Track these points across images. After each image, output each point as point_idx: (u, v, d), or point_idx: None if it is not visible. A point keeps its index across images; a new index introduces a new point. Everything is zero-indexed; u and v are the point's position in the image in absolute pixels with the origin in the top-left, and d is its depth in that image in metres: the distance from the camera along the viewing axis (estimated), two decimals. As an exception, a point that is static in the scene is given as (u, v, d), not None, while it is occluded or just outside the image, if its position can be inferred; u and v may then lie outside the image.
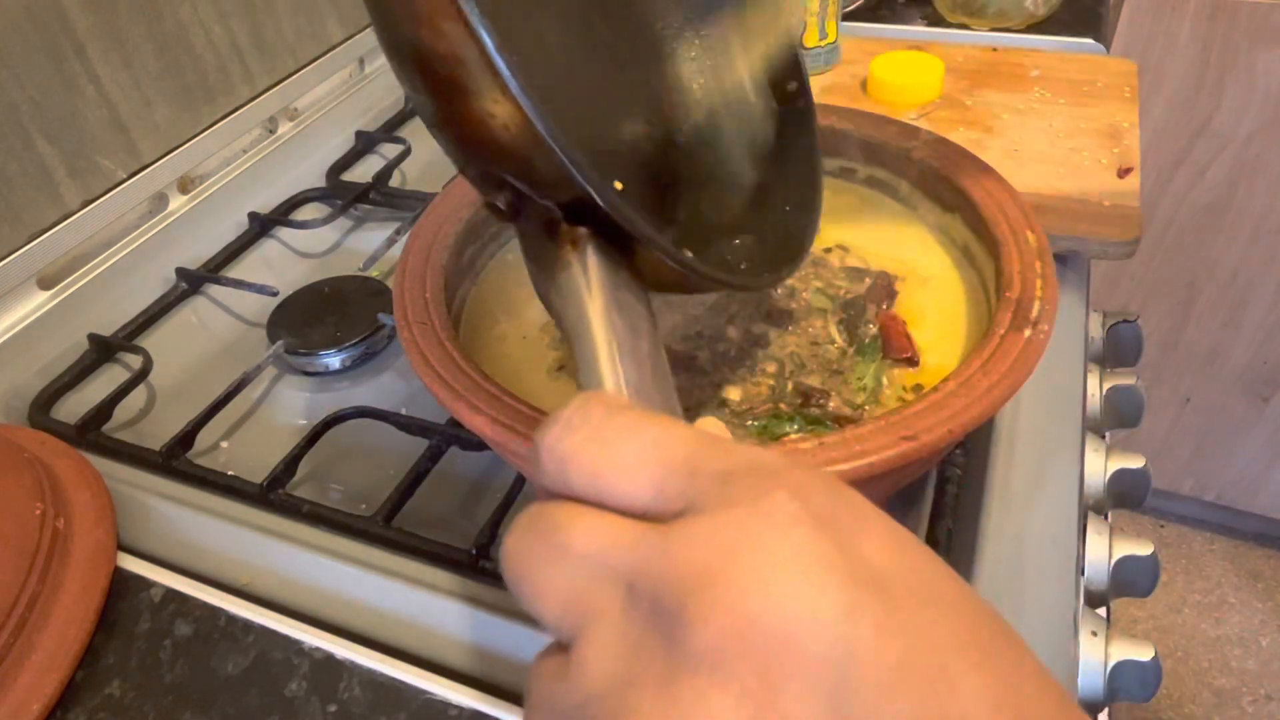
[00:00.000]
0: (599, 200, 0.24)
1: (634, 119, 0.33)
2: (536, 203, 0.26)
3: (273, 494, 0.45)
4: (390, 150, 0.74)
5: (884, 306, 0.45)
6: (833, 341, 0.43)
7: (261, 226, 0.67)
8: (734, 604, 0.14)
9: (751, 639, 0.14)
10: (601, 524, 0.17)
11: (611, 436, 0.18)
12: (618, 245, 0.27)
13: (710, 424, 0.22)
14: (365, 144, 0.76)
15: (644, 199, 0.30)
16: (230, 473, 0.47)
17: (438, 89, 0.25)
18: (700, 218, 0.34)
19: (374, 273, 0.61)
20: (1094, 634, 0.40)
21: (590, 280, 0.25)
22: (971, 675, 0.14)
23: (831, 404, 0.40)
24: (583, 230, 0.26)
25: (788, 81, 0.39)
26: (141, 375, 0.54)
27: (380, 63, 0.85)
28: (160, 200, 0.66)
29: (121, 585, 0.41)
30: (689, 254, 0.28)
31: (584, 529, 0.17)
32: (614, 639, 0.15)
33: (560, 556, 0.17)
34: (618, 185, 0.25)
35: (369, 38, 0.82)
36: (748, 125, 0.38)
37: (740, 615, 0.14)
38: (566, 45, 0.29)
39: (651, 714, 0.14)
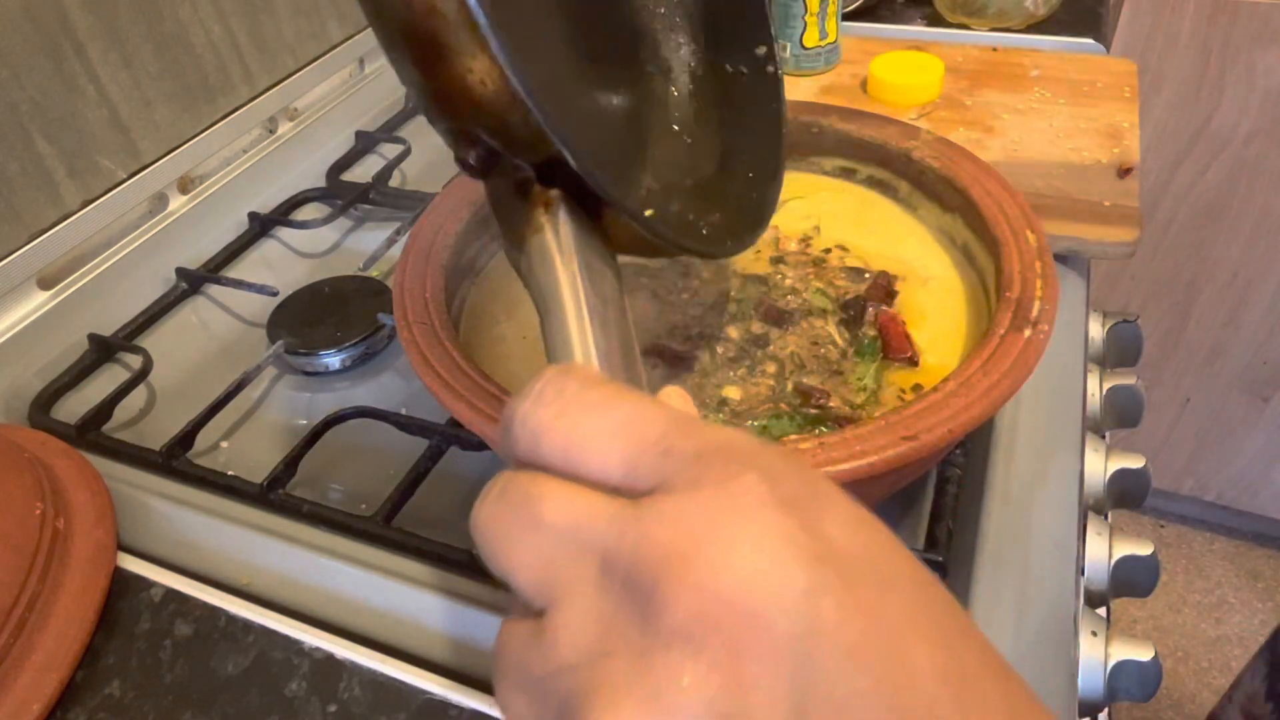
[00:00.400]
0: (570, 159, 0.24)
1: (604, 81, 0.33)
2: (508, 161, 0.26)
3: (273, 494, 0.45)
4: (390, 150, 0.74)
5: (884, 306, 0.45)
6: (833, 341, 0.43)
7: (261, 226, 0.67)
8: (705, 582, 0.15)
9: (721, 616, 0.14)
10: (575, 498, 0.17)
11: (585, 412, 0.18)
12: (586, 208, 0.26)
13: (673, 394, 0.22)
14: (365, 144, 0.76)
15: (611, 161, 0.30)
16: (230, 473, 0.47)
17: (415, 43, 0.24)
18: (665, 182, 0.34)
19: (374, 273, 0.61)
20: (1094, 634, 0.40)
21: (562, 244, 0.25)
22: (923, 650, 0.15)
23: (831, 404, 0.40)
24: (555, 192, 0.26)
25: (757, 45, 0.39)
26: (141, 375, 0.54)
27: (380, 63, 0.85)
28: (160, 200, 0.66)
29: (121, 585, 0.41)
30: (652, 216, 0.27)
31: (557, 502, 0.17)
32: (587, 611, 0.16)
33: (533, 527, 0.17)
34: (587, 146, 0.25)
35: (369, 38, 0.82)
36: (715, 90, 0.38)
37: (711, 593, 0.14)
38: (543, 5, 0.29)
39: (625, 684, 0.15)
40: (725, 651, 0.14)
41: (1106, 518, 0.49)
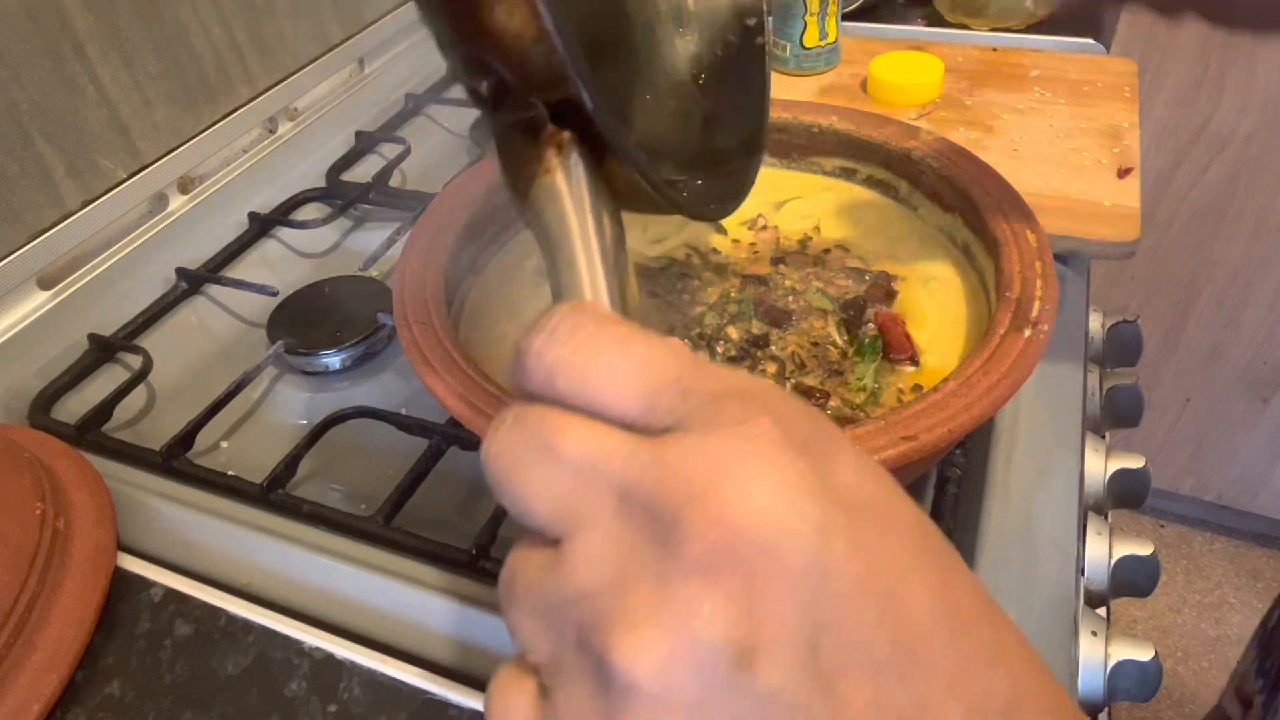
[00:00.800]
0: (587, 102, 0.24)
1: (611, 33, 0.32)
2: (520, 98, 0.25)
3: (273, 494, 0.45)
4: (390, 150, 0.74)
5: (884, 306, 0.45)
6: (833, 342, 0.43)
7: (261, 226, 0.67)
8: (725, 516, 0.15)
9: (740, 549, 0.15)
10: (594, 432, 0.17)
11: (603, 348, 0.18)
12: (590, 142, 0.26)
13: (675, 344, 0.22)
14: (365, 144, 0.76)
15: (618, 111, 0.30)
16: (230, 473, 0.47)
17: None
18: (655, 141, 0.34)
19: (374, 273, 0.61)
20: (1094, 634, 0.40)
21: (575, 186, 0.25)
22: (922, 589, 0.16)
23: (831, 404, 0.40)
24: (568, 134, 0.25)
25: (748, 16, 0.39)
26: (141, 375, 0.54)
27: (380, 63, 0.85)
28: (160, 200, 0.66)
29: (121, 585, 0.41)
30: (649, 165, 0.27)
31: (575, 435, 0.17)
32: (607, 542, 0.16)
33: (551, 459, 0.17)
34: (600, 92, 0.24)
35: (369, 38, 0.82)
36: (704, 57, 0.38)
37: (731, 526, 0.15)
38: None
39: (646, 611, 0.15)
40: (743, 583, 0.15)
41: (1106, 518, 0.49)
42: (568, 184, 0.25)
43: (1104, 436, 0.53)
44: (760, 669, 0.15)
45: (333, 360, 0.55)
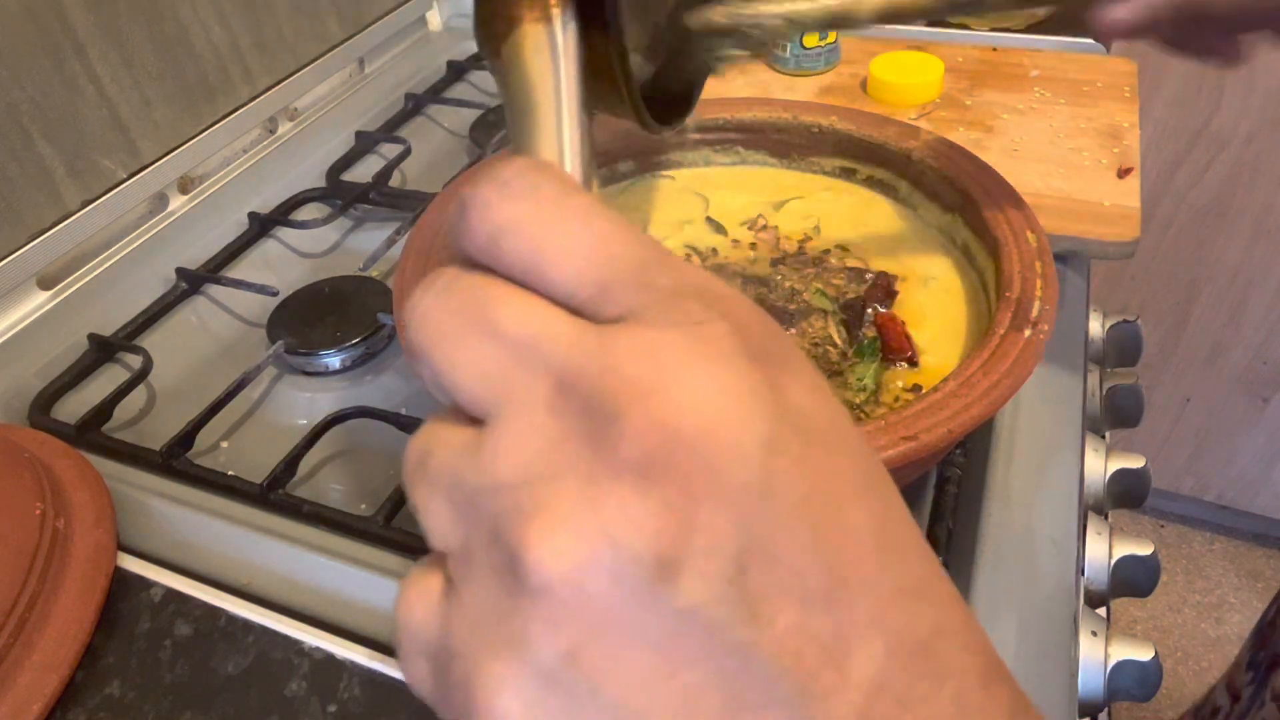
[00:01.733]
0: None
1: None
2: None
3: (273, 494, 0.45)
4: (390, 150, 0.74)
5: (884, 307, 0.45)
6: (833, 342, 0.43)
7: (261, 226, 0.67)
8: (669, 419, 0.14)
9: (680, 455, 0.14)
10: (537, 309, 0.16)
11: (561, 216, 0.16)
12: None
13: (643, 233, 0.21)
14: (365, 144, 0.76)
15: None
16: (230, 473, 0.47)
17: None
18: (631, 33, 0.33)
19: (374, 273, 0.61)
20: (1094, 634, 0.40)
21: (567, 42, 0.22)
22: (860, 515, 0.16)
23: (831, 404, 0.40)
24: None
25: None
26: (141, 375, 0.54)
27: (380, 63, 0.85)
28: (160, 200, 0.66)
29: (121, 585, 0.41)
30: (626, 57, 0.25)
31: (515, 309, 0.16)
32: (536, 431, 0.15)
33: (484, 331, 0.16)
34: None
35: (369, 38, 0.82)
36: None
37: (673, 431, 0.14)
38: None
39: (568, 510, 0.14)
40: (676, 492, 0.14)
41: (1106, 518, 0.49)
42: (561, 37, 0.22)
43: (1104, 436, 0.53)
44: (682, 584, 0.14)
45: (333, 360, 0.55)
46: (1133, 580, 0.46)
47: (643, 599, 0.14)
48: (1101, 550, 0.46)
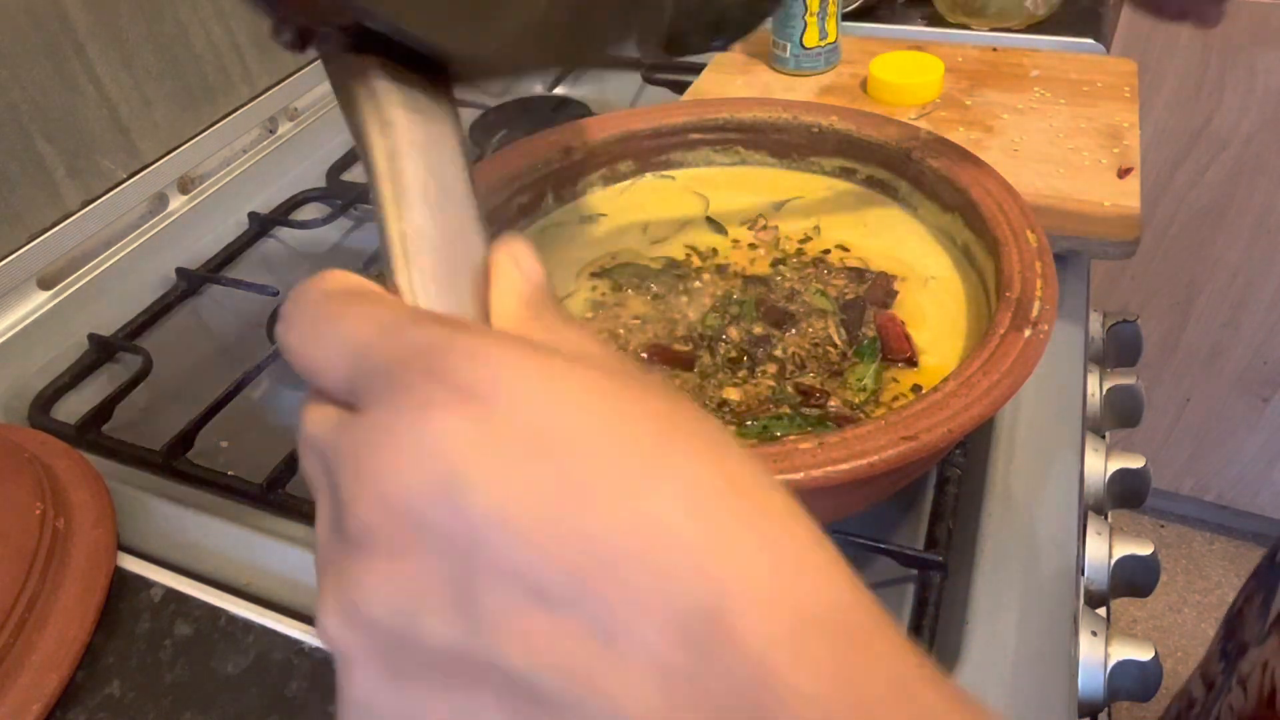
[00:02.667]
0: (354, 12, 0.22)
1: None
2: (320, 30, 0.24)
3: (273, 494, 0.45)
4: (390, 150, 0.74)
5: (884, 307, 0.45)
6: (833, 342, 0.43)
7: (261, 226, 0.67)
8: (373, 493, 0.16)
9: (388, 521, 0.16)
10: (312, 411, 0.19)
11: (315, 328, 0.19)
12: (413, 64, 0.24)
13: (517, 247, 0.22)
14: (365, 144, 0.76)
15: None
16: (230, 473, 0.47)
17: None
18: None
19: (374, 273, 0.61)
20: (1094, 634, 0.40)
21: (382, 118, 0.23)
22: (593, 515, 0.16)
23: (831, 404, 0.40)
24: (370, 59, 0.23)
25: None
26: (141, 375, 0.54)
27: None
28: (160, 200, 0.66)
29: (121, 585, 0.41)
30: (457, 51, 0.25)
31: (305, 412, 0.19)
32: (321, 511, 0.18)
33: (302, 427, 0.19)
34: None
35: (369, 38, 0.82)
36: None
37: (377, 500, 0.16)
38: None
39: (330, 585, 0.17)
40: (387, 556, 0.16)
41: (1106, 518, 0.49)
42: (376, 116, 0.23)
43: (1104, 436, 0.53)
44: (424, 631, 0.16)
45: (333, 360, 0.54)
46: (1133, 580, 0.46)
47: (400, 648, 0.16)
48: (1101, 550, 0.46)
